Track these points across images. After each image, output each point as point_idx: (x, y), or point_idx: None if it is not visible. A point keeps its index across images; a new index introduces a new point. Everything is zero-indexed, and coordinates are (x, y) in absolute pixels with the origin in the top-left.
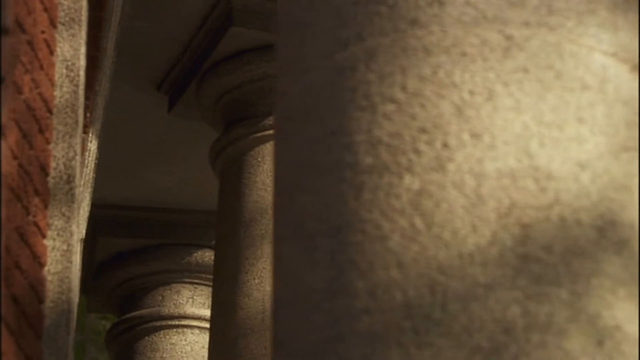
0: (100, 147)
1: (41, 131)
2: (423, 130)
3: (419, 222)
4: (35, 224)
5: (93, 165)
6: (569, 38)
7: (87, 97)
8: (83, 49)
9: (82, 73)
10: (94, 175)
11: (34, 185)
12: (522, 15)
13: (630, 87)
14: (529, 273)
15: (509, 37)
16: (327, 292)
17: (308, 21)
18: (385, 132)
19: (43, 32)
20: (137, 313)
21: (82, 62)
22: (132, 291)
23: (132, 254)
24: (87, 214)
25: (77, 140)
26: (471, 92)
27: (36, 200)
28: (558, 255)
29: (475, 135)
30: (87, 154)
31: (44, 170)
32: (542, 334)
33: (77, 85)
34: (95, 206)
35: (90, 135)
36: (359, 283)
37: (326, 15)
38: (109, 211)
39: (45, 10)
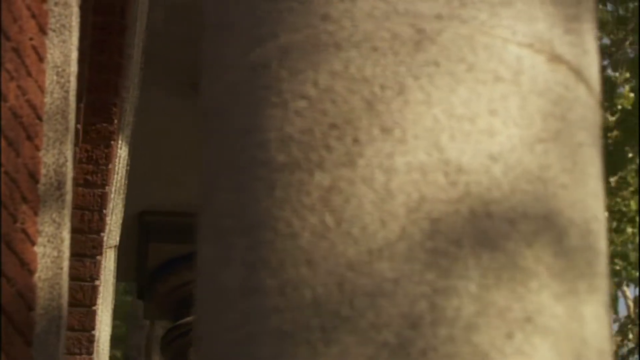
0: (146, 154)
1: (30, 138)
2: (334, 126)
3: (328, 219)
4: (24, 231)
5: (124, 172)
6: (482, 30)
7: (114, 104)
8: (74, 55)
9: (72, 79)
10: (126, 182)
11: (22, 192)
12: (434, 8)
13: (547, 78)
14: (437, 267)
15: (420, 31)
16: (241, 291)
17: (228, 21)
18: (296, 129)
19: (31, 39)
20: (190, 318)
21: (73, 68)
22: (185, 297)
23: (184, 260)
24: (120, 221)
25: (68, 146)
26: (382, 87)
27: (24, 207)
28: (468, 248)
29: (386, 130)
30: (117, 160)
31: (33, 177)
32: (449, 328)
33: (67, 92)
34: (146, 213)
35: (119, 142)
36: (269, 281)
37: (244, 14)
38: (160, 218)
39: (34, 17)
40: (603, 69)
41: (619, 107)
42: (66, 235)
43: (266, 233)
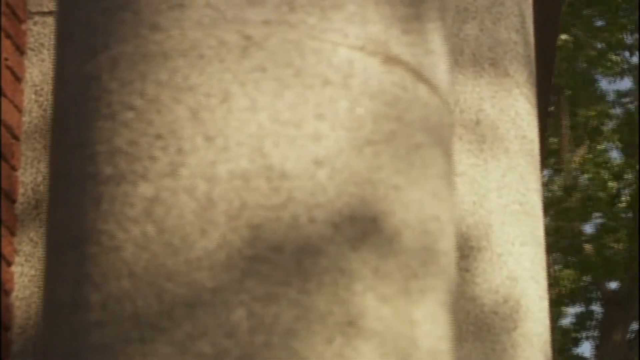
0: None
1: (5, 159)
2: (159, 136)
3: (151, 230)
4: None
5: None
6: (311, 35)
7: None
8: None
9: (51, 98)
10: None
11: None
12: (262, 14)
13: (381, 80)
14: (257, 275)
15: (247, 37)
16: (70, 306)
17: (68, 32)
18: (124, 141)
19: (6, 59)
20: None
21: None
22: None
23: None
24: None
25: (46, 165)
26: (207, 95)
27: (0, 228)
28: (288, 254)
29: (209, 138)
30: None
31: (9, 197)
32: (267, 335)
33: (46, 110)
34: None
35: None
36: (93, 296)
37: (81, 25)
38: None
39: (9, 37)
40: None
41: None
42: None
43: (92, 247)
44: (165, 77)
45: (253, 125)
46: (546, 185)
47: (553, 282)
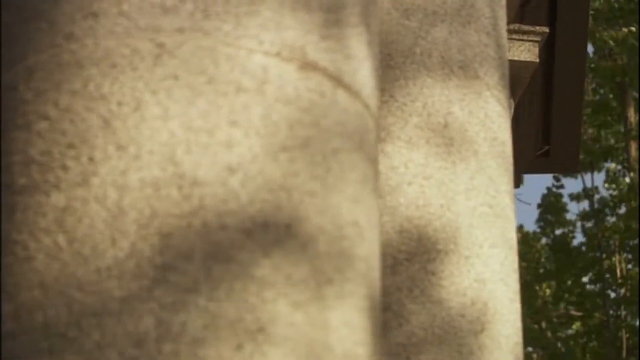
0: None
1: None
2: (71, 145)
3: (62, 240)
4: None
5: None
6: (226, 42)
7: None
8: None
9: None
10: None
11: None
12: (176, 22)
13: (297, 86)
14: (166, 283)
15: (160, 45)
16: None
17: None
18: (37, 151)
19: None
20: None
21: None
22: None
23: None
24: None
25: None
26: (119, 103)
27: None
28: (198, 262)
29: (121, 147)
30: None
31: None
32: (175, 343)
33: None
34: None
35: None
36: (6, 306)
37: (5, 35)
38: None
39: None
40: None
41: None
42: None
43: (6, 257)
44: (78, 86)
45: (165, 134)
46: (613, 183)
47: (622, 281)
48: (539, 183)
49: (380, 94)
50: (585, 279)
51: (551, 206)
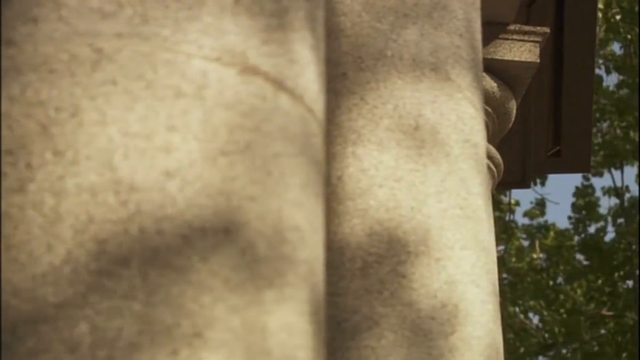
0: None
1: None
2: (9, 152)
3: None
4: None
5: None
6: (165, 47)
7: None
8: None
9: None
10: None
11: None
12: (114, 27)
13: (238, 91)
14: (102, 289)
15: (98, 50)
16: None
17: None
18: None
19: None
20: None
21: None
22: None
23: None
24: None
25: None
26: (57, 109)
27: None
28: (135, 268)
29: (58, 153)
30: None
31: None
32: (109, 349)
33: None
34: None
35: None
36: None
37: None
38: None
39: None
40: None
41: None
42: None
43: None
44: (17, 92)
45: (103, 139)
46: None
47: None
48: (568, 182)
49: (352, 96)
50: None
51: (584, 203)
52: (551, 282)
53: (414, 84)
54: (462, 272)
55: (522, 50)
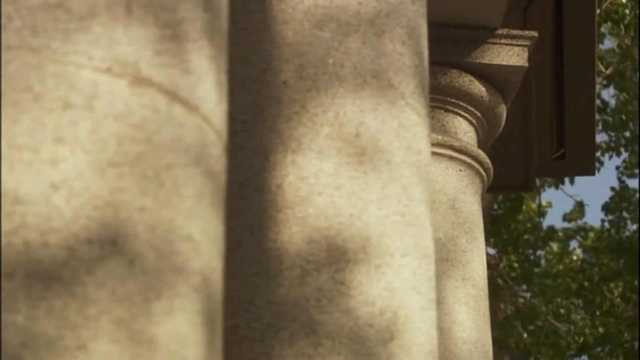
0: None
1: None
2: None
3: None
4: None
5: None
6: (54, 58)
7: None
8: None
9: None
10: None
11: None
12: (5, 39)
13: (128, 102)
14: None
15: None
16: None
17: None
18: None
19: None
20: None
21: None
22: None
23: None
24: None
25: None
26: None
27: None
28: (18, 280)
29: None
30: None
31: None
32: None
33: None
34: None
35: None
36: None
37: None
38: None
39: None
40: None
41: None
42: None
43: None
44: None
45: None
46: None
47: None
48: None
49: (292, 104)
50: None
51: (616, 204)
52: (586, 283)
53: (355, 92)
54: (402, 279)
55: (510, 55)
